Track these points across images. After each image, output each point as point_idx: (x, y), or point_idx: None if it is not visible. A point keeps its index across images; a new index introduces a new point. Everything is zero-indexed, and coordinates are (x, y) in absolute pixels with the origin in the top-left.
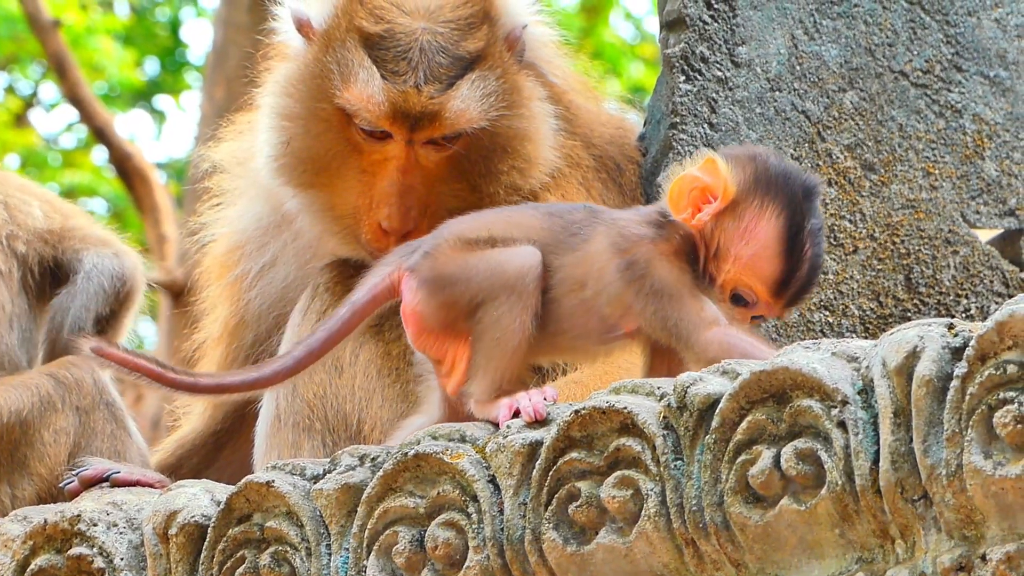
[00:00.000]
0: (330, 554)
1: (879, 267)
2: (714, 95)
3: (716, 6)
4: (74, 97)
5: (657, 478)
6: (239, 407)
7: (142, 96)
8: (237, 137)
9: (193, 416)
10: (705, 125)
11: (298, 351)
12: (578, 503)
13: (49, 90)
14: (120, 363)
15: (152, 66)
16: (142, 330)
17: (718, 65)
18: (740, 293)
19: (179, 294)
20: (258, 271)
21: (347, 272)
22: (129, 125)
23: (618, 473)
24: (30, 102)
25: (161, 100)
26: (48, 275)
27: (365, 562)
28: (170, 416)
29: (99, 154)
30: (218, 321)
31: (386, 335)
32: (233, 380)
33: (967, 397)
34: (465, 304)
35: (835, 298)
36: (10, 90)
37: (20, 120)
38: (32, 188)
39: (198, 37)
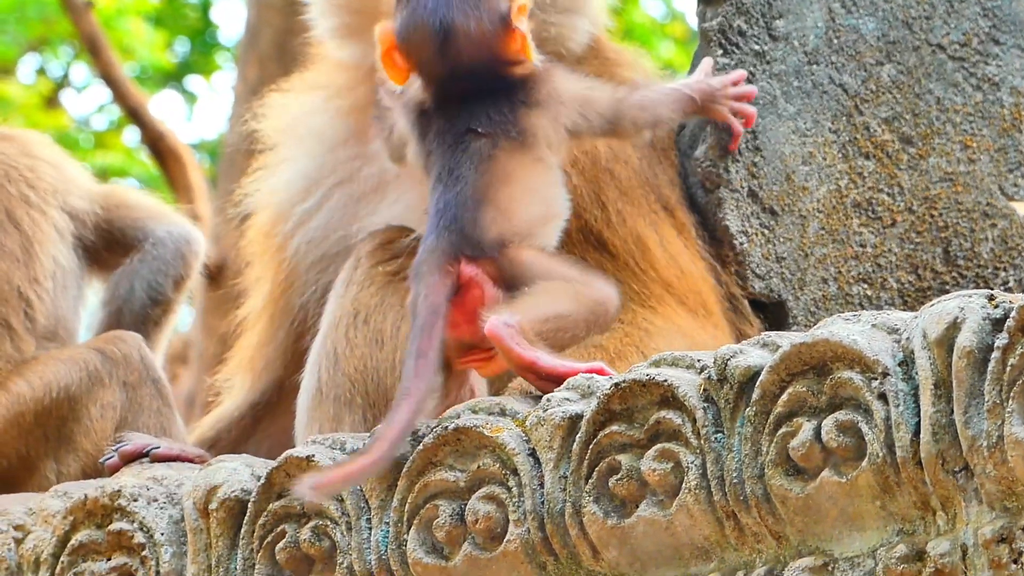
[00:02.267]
0: (370, 528)
1: (917, 240)
2: (752, 68)
3: None
4: (107, 78)
5: (698, 451)
6: (279, 380)
7: (172, 77)
8: (276, 110)
9: (233, 390)
10: None
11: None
12: (619, 476)
13: (80, 72)
14: (345, 481)
15: (182, 47)
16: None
17: (755, 39)
18: None
19: (213, 273)
20: (303, 237)
21: (390, 237)
22: (160, 106)
23: (659, 446)
24: (61, 84)
25: (192, 81)
26: (102, 238)
27: (405, 536)
28: (210, 391)
29: (131, 135)
30: (262, 292)
31: None
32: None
33: (1008, 368)
34: (553, 317)
35: (873, 271)
36: (41, 72)
37: (51, 102)
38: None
39: (228, 18)
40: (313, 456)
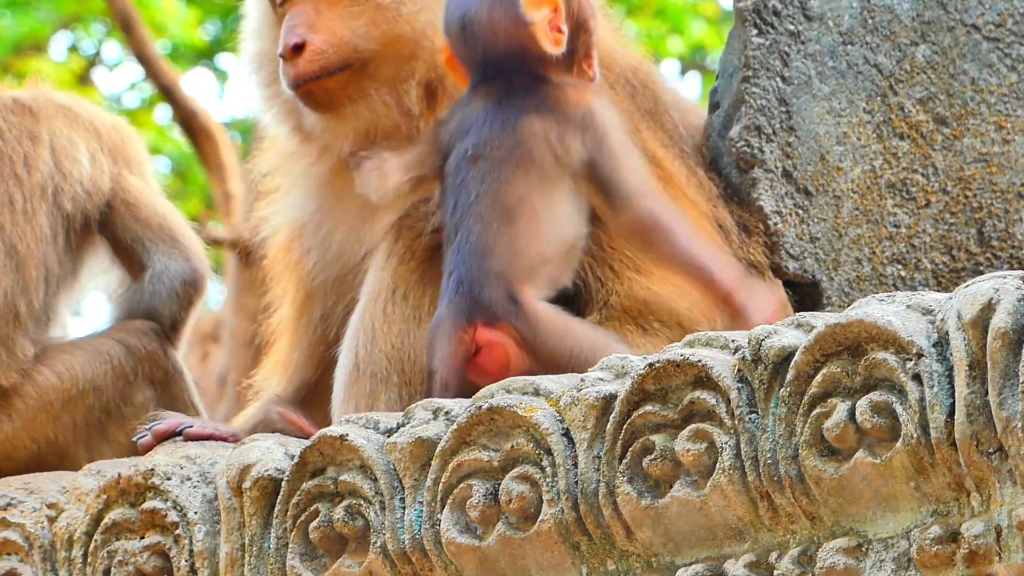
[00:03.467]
0: (404, 508)
1: (951, 221)
2: (786, 48)
3: None
4: (139, 55)
5: (732, 431)
6: (309, 381)
7: (205, 55)
8: (277, 141)
9: (267, 391)
10: (778, 79)
11: None
12: (652, 456)
13: (112, 49)
14: None
15: (215, 25)
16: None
17: (790, 19)
18: None
19: (245, 252)
20: (316, 246)
21: (433, 210)
22: (192, 84)
23: (692, 426)
24: (93, 61)
25: (224, 59)
26: (104, 233)
27: (439, 515)
28: (248, 389)
29: (163, 113)
30: (287, 304)
31: None
32: None
33: None
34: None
35: (907, 252)
36: (73, 49)
37: (83, 79)
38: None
39: None
40: (347, 435)
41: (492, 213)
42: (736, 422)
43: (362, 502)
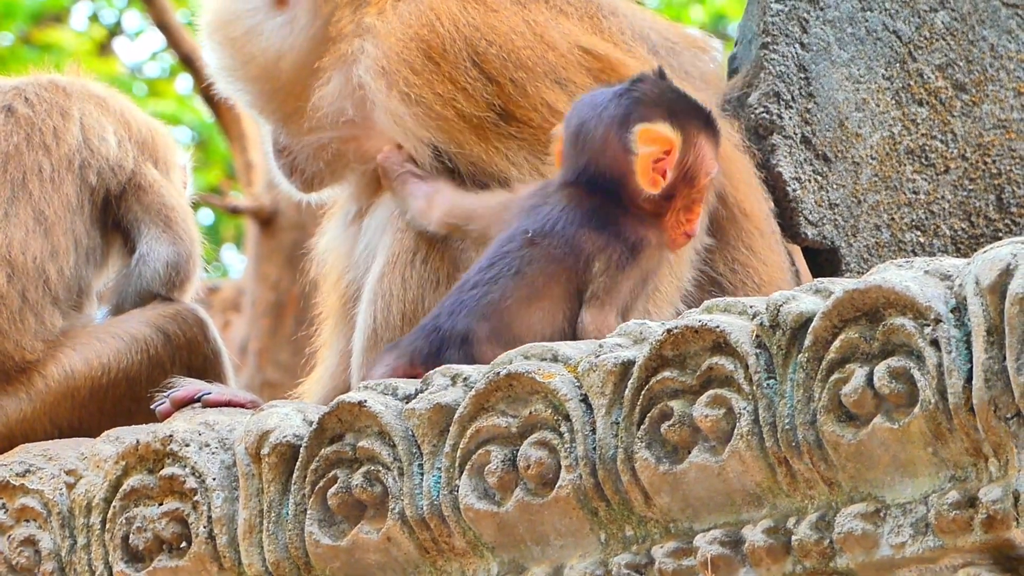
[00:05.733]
0: (422, 474)
1: (970, 187)
2: (805, 15)
3: None
4: (161, 24)
5: (750, 397)
6: (344, 386)
7: None
8: None
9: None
10: (796, 45)
11: None
12: (670, 422)
13: (133, 18)
14: None
15: None
16: (229, 258)
17: None
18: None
19: (266, 220)
20: (351, 266)
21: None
22: None
23: (711, 392)
24: (114, 31)
25: None
26: (117, 213)
27: (457, 481)
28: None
29: (183, 83)
30: (329, 318)
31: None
32: None
33: None
34: None
35: (926, 218)
36: (94, 19)
37: (104, 49)
38: (114, 110)
39: None
40: (365, 402)
41: (518, 292)
42: (754, 388)
43: (380, 468)
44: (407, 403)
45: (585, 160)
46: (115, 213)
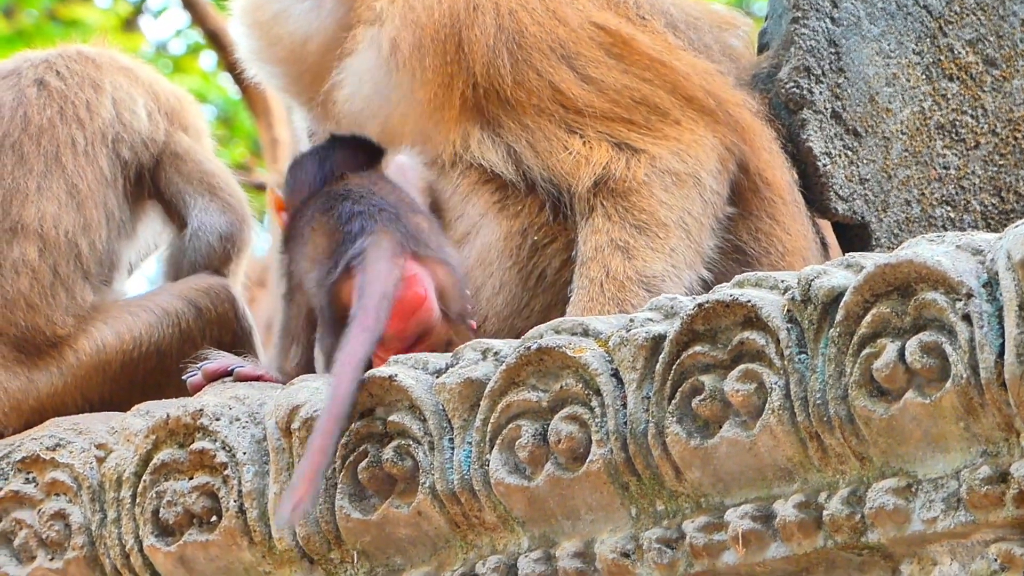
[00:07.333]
0: (453, 448)
1: (1001, 162)
2: None
3: None
4: (185, 1)
5: (781, 372)
6: None
7: None
8: None
9: None
10: (827, 19)
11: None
12: (702, 397)
13: None
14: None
15: None
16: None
17: None
18: None
19: None
20: None
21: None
22: None
23: (742, 367)
24: (139, 7)
25: None
26: (153, 185)
27: (488, 456)
28: None
29: (208, 59)
30: None
31: (509, 210)
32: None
33: None
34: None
35: (957, 193)
36: None
37: (129, 25)
38: (142, 81)
39: None
40: (395, 376)
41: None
42: (785, 362)
43: (411, 443)
44: (437, 377)
45: None
46: (150, 186)
